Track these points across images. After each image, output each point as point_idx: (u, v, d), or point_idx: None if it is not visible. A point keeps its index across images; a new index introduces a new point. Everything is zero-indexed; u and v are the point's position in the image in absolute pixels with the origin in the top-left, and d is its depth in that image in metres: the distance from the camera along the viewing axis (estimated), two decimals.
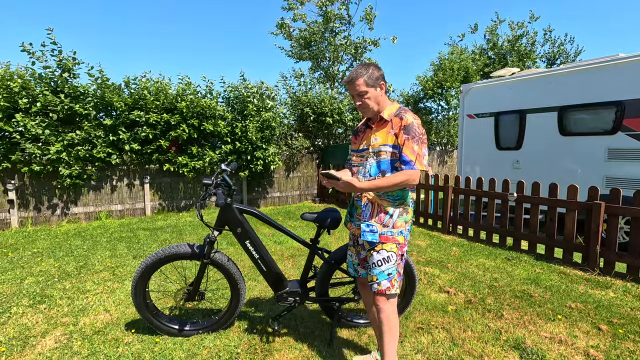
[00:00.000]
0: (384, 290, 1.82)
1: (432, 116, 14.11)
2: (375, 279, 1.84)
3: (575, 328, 2.56)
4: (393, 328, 1.86)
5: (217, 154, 7.05)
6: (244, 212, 2.36)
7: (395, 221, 1.85)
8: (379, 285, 1.82)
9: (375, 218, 1.86)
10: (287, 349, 2.32)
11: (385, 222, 1.84)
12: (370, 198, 1.89)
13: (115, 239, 5.08)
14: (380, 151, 1.85)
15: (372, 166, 1.88)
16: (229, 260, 2.39)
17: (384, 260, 1.83)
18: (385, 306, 1.85)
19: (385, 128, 1.87)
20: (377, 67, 1.88)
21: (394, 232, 1.84)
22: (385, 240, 1.83)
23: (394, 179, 1.76)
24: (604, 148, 4.86)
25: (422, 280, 3.46)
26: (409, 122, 1.79)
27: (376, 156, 1.87)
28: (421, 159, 1.78)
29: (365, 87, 1.83)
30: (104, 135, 6.10)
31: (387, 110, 1.88)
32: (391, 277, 1.83)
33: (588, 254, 3.75)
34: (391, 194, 1.85)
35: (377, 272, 1.83)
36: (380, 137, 1.87)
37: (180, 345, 2.35)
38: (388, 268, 1.83)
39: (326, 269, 2.45)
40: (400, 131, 1.80)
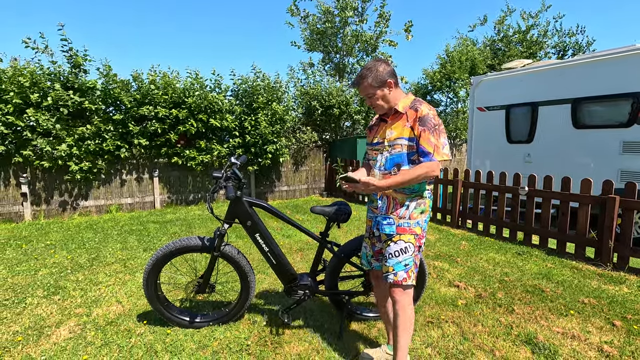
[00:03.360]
0: (400, 282, 1.81)
1: (440, 109, 13.96)
2: (391, 269, 1.82)
3: (589, 323, 2.52)
4: (408, 321, 1.85)
5: (226, 148, 7.06)
6: (254, 205, 2.36)
7: (412, 212, 1.84)
8: (395, 276, 1.81)
9: (392, 211, 1.86)
10: (297, 341, 2.33)
11: (401, 214, 1.84)
12: (387, 192, 1.88)
13: (126, 231, 5.14)
14: (395, 144, 1.84)
15: (387, 160, 1.87)
16: (238, 253, 2.40)
17: (401, 251, 1.82)
18: (401, 297, 1.83)
19: (400, 121, 1.85)
20: (385, 65, 1.85)
21: (411, 223, 1.84)
22: (402, 231, 1.83)
23: (413, 173, 1.74)
24: (619, 141, 4.75)
25: (432, 275, 3.44)
26: (424, 114, 1.77)
27: (391, 149, 1.86)
28: (439, 150, 1.75)
29: (372, 90, 1.83)
30: (113, 129, 6.14)
31: (401, 103, 1.86)
32: (408, 268, 1.82)
33: (601, 248, 3.69)
34: (407, 187, 1.83)
35: (394, 263, 1.82)
36: (395, 130, 1.85)
37: (191, 337, 2.38)
38: (405, 259, 1.82)
39: (335, 263, 2.45)
40: (416, 123, 1.78)
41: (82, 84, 5.87)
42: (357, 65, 11.35)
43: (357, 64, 11.35)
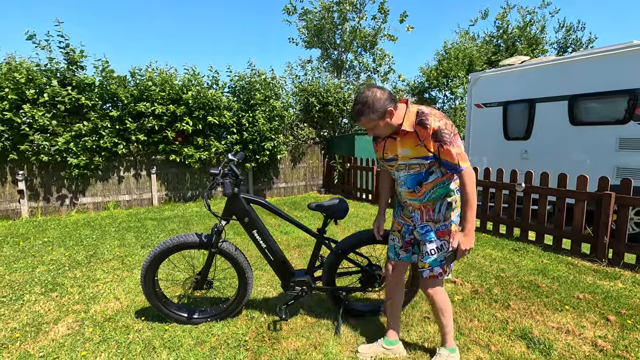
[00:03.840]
0: (436, 276, 1.94)
1: (437, 106, 13.97)
2: (427, 266, 1.94)
3: (583, 318, 2.55)
4: (445, 304, 2.00)
5: (223, 145, 7.05)
6: (251, 201, 2.36)
7: (445, 214, 1.93)
8: (432, 272, 1.94)
9: (426, 218, 1.95)
10: (294, 337, 2.35)
11: (436, 218, 1.93)
12: (416, 206, 1.97)
13: (124, 228, 5.14)
14: (412, 164, 1.87)
15: (408, 179, 1.92)
16: (236, 249, 2.41)
17: (437, 249, 1.93)
18: (436, 286, 1.98)
19: (411, 139, 1.82)
20: (380, 93, 1.76)
21: (447, 224, 1.93)
22: (441, 235, 1.93)
23: (471, 197, 1.77)
24: (615, 138, 4.77)
25: None
26: (435, 128, 1.74)
27: (408, 169, 1.90)
28: (463, 156, 1.77)
29: (373, 122, 1.81)
30: (110, 126, 6.12)
31: (406, 121, 1.81)
32: (443, 264, 1.94)
33: (597, 244, 3.72)
34: (433, 197, 1.92)
35: (431, 260, 1.93)
36: (408, 149, 1.85)
37: (189, 333, 2.39)
38: (440, 256, 1.93)
39: (333, 259, 2.46)
40: (431, 140, 1.76)
41: (80, 81, 5.84)
42: (355, 62, 11.33)
43: (355, 60, 11.33)
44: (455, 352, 2.07)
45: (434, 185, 1.89)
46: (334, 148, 8.78)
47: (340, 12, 10.53)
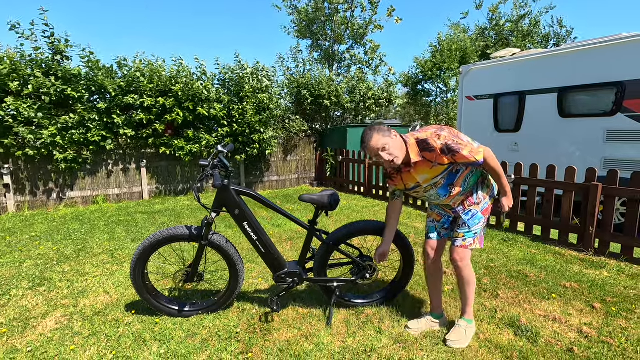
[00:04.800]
0: (467, 246, 2.09)
1: (430, 98, 14.00)
2: (462, 235, 2.10)
3: (570, 306, 2.60)
4: (470, 276, 2.14)
5: (214, 137, 6.98)
6: (242, 193, 2.34)
7: (483, 193, 2.13)
8: (464, 241, 2.09)
9: (468, 204, 2.12)
10: (286, 328, 2.36)
11: (476, 200, 2.11)
12: (459, 201, 2.14)
13: (113, 222, 5.08)
14: (437, 181, 2.06)
15: (439, 191, 2.10)
16: (227, 242, 2.39)
17: (472, 221, 2.09)
18: (465, 256, 2.11)
19: (423, 166, 2.01)
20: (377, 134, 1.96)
21: (487, 200, 2.14)
22: (486, 212, 2.13)
23: (497, 169, 2.00)
24: (603, 130, 4.84)
25: (420, 262, 3.49)
26: (439, 146, 1.90)
27: (434, 186, 2.08)
28: (475, 151, 1.91)
29: (383, 142, 1.94)
30: (98, 119, 6.00)
31: (412, 154, 1.98)
32: (476, 235, 2.11)
33: (584, 235, 3.79)
34: (470, 186, 2.10)
35: (466, 231, 2.10)
36: (426, 174, 2.04)
37: (180, 326, 2.38)
38: (475, 228, 2.10)
39: (324, 250, 2.46)
40: (442, 157, 1.92)
41: (65, 72, 5.70)
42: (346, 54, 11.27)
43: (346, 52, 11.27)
44: (472, 323, 2.23)
45: (465, 179, 2.07)
46: (326, 141, 8.76)
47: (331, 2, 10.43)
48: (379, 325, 2.38)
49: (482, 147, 1.98)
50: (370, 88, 9.42)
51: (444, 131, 1.96)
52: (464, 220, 2.11)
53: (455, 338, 2.15)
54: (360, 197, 7.09)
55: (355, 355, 2.08)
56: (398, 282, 2.65)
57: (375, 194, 6.91)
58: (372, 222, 2.48)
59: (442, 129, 1.99)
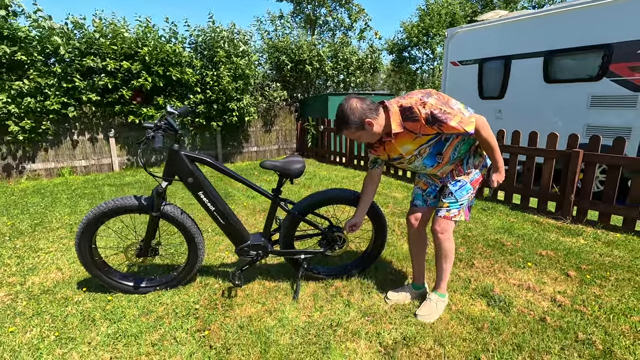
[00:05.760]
0: (451, 217, 1.96)
1: (416, 66, 13.61)
2: (446, 205, 1.95)
3: (544, 275, 2.54)
4: (449, 250, 2.02)
5: (187, 105, 6.57)
6: (195, 160, 2.11)
7: (474, 162, 1.97)
8: (448, 212, 1.95)
9: (456, 174, 1.96)
10: (250, 303, 2.22)
11: (466, 170, 1.96)
12: (448, 170, 1.98)
13: (78, 195, 4.78)
14: (421, 151, 1.88)
15: (425, 160, 1.92)
16: (182, 213, 2.19)
17: (460, 191, 1.95)
18: (448, 227, 1.97)
19: (406, 137, 1.83)
20: (356, 106, 1.74)
21: (478, 171, 1.98)
22: (476, 182, 1.97)
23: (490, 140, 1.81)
24: (587, 95, 4.70)
25: (396, 232, 3.38)
26: (425, 116, 1.70)
27: (420, 155, 1.90)
28: (465, 121, 1.71)
29: (354, 134, 1.81)
30: (56, 84, 5.52)
31: (394, 124, 1.78)
32: (461, 207, 1.96)
33: (562, 202, 3.72)
34: (460, 154, 1.94)
35: (451, 202, 1.95)
36: (408, 145, 1.86)
37: (135, 303, 2.21)
38: (462, 199, 1.95)
39: (289, 221, 2.29)
40: (427, 127, 1.73)
41: (13, 31, 5.13)
42: (329, 17, 10.69)
43: (329, 16, 10.69)
44: (445, 297, 2.14)
45: (454, 147, 1.90)
46: (307, 110, 8.44)
47: None
48: (347, 298, 2.26)
49: (475, 115, 1.76)
50: (354, 52, 9.01)
51: (431, 97, 1.73)
52: (451, 190, 1.95)
53: (426, 312, 2.05)
54: (341, 167, 6.91)
55: (320, 330, 1.96)
56: (370, 253, 2.52)
57: (357, 164, 6.74)
58: (343, 190, 2.30)
59: (429, 94, 1.75)
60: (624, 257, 2.80)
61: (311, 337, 1.91)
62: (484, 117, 1.80)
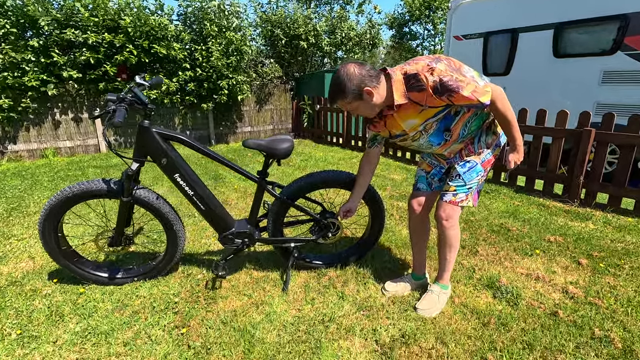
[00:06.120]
0: (457, 202, 1.74)
1: (417, 42, 13.11)
2: (453, 189, 1.74)
3: (554, 263, 2.36)
4: (455, 238, 1.82)
5: (175, 82, 6.25)
6: (169, 138, 1.87)
7: (487, 141, 1.74)
8: (455, 197, 1.74)
9: (466, 154, 1.74)
10: (235, 296, 2.03)
11: (477, 149, 1.74)
12: (456, 149, 1.76)
13: (60, 177, 4.54)
14: (426, 127, 1.65)
15: (432, 138, 1.70)
16: (158, 198, 1.97)
17: (469, 173, 1.73)
18: (454, 214, 1.76)
19: (411, 109, 1.59)
20: (354, 72, 1.50)
21: (491, 150, 1.75)
22: (487, 164, 1.75)
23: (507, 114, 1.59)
24: (599, 71, 4.42)
25: (394, 216, 3.18)
26: (433, 84, 1.45)
27: (425, 131, 1.67)
28: (479, 91, 1.46)
29: (350, 105, 1.58)
30: (34, 59, 5.17)
31: (396, 94, 1.54)
32: (469, 191, 1.75)
33: (570, 184, 3.52)
34: (471, 130, 1.71)
35: (459, 185, 1.74)
36: (414, 119, 1.62)
37: (109, 296, 2.02)
38: (471, 182, 1.74)
39: (278, 207, 2.08)
40: (435, 98, 1.48)
41: None
42: None
43: None
44: (447, 289, 1.97)
45: (465, 123, 1.67)
46: (303, 88, 8.10)
47: None
48: (342, 290, 2.08)
49: (491, 85, 1.52)
50: (352, 28, 8.58)
51: (440, 63, 1.48)
52: (459, 172, 1.73)
53: (427, 306, 1.87)
54: (338, 148, 6.66)
55: (311, 326, 1.79)
56: (367, 240, 2.33)
57: (354, 145, 6.49)
58: (337, 172, 2.08)
59: (438, 59, 1.50)
60: (637, 243, 2.62)
61: (301, 335, 1.73)
62: (501, 88, 1.55)
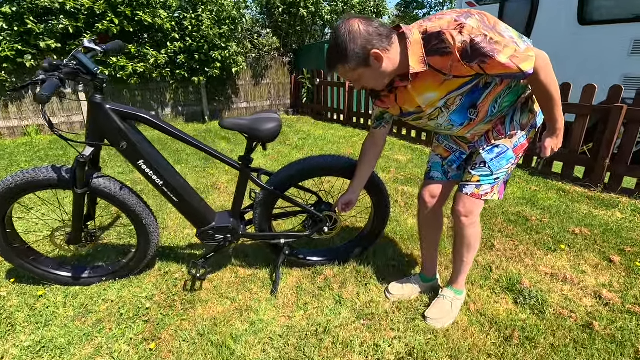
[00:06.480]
0: (480, 195, 1.43)
1: (424, 11, 12.36)
2: (476, 179, 1.42)
3: (582, 260, 2.07)
4: (475, 237, 1.53)
5: (163, 54, 5.80)
6: (129, 117, 1.54)
7: (522, 120, 1.38)
8: (478, 188, 1.42)
9: (495, 137, 1.39)
10: (216, 299, 1.77)
11: (508, 131, 1.38)
12: (482, 131, 1.42)
13: (39, 158, 4.23)
14: (448, 102, 1.29)
15: (454, 115, 1.33)
16: (122, 188, 1.66)
17: (497, 160, 1.39)
18: (475, 209, 1.46)
19: (430, 79, 1.23)
20: (358, 30, 1.14)
21: (524, 132, 1.39)
22: (520, 149, 1.41)
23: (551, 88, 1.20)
24: (630, 40, 3.97)
25: (399, 203, 2.88)
26: (462, 46, 1.09)
27: (445, 108, 1.32)
28: (520, 56, 1.11)
29: (352, 73, 1.23)
30: (7, 27, 4.74)
31: (412, 59, 1.18)
32: (496, 182, 1.43)
33: (594, 167, 3.19)
34: (503, 107, 1.34)
35: (484, 175, 1.41)
36: (433, 92, 1.26)
37: (73, 299, 1.76)
38: (499, 172, 1.41)
39: (265, 198, 1.77)
40: (463, 65, 1.13)
41: None
42: None
43: None
44: (462, 295, 1.68)
45: (497, 97, 1.30)
46: (302, 61, 7.61)
47: None
48: (339, 292, 1.81)
49: (534, 49, 1.15)
50: None
51: (472, 18, 1.11)
52: (484, 159, 1.40)
53: (438, 315, 1.59)
54: (339, 126, 6.29)
55: (302, 339, 1.52)
56: (369, 234, 2.04)
57: (357, 122, 6.11)
58: (334, 157, 1.76)
59: (468, 14, 1.13)
60: None
61: (290, 350, 1.47)
62: (545, 53, 1.19)
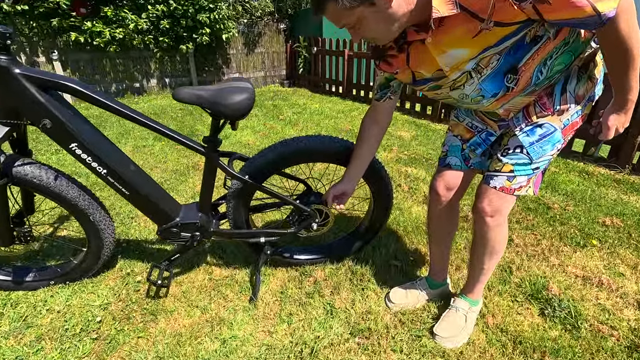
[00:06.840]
0: (512, 190, 1.09)
1: None
2: (509, 169, 1.08)
3: (617, 259, 1.76)
4: (501, 240, 1.20)
5: (144, 19, 5.27)
6: (51, 86, 1.17)
7: (576, 91, 1.00)
8: (510, 181, 1.08)
9: (538, 112, 1.03)
10: (184, 309, 1.48)
11: (557, 105, 1.01)
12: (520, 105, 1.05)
13: None
14: (481, 64, 0.93)
15: (485, 81, 0.97)
16: (57, 177, 1.32)
17: (539, 144, 1.04)
18: (504, 207, 1.13)
19: (459, 29, 0.86)
20: None
21: (579, 107, 1.02)
22: (569, 130, 1.04)
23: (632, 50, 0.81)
24: None
25: (402, 187, 2.55)
26: None
27: (477, 72, 0.95)
28: None
29: (348, 15, 0.87)
30: None
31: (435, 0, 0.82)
32: (534, 173, 1.09)
33: (622, 145, 2.83)
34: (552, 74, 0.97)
35: (521, 163, 1.06)
36: (461, 47, 0.89)
37: (12, 309, 1.47)
38: (541, 159, 1.06)
39: (239, 189, 1.44)
40: (509, 4, 0.77)
41: None
42: None
43: None
44: (477, 305, 1.40)
45: (546, 58, 0.93)
46: (298, 27, 7.05)
47: None
48: (331, 300, 1.52)
49: None
50: None
51: None
52: (522, 143, 1.05)
53: (449, 332, 1.30)
54: (337, 98, 5.85)
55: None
56: (367, 228, 1.72)
57: (356, 94, 5.67)
58: (325, 139, 1.41)
59: None
60: None
61: None
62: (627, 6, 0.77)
